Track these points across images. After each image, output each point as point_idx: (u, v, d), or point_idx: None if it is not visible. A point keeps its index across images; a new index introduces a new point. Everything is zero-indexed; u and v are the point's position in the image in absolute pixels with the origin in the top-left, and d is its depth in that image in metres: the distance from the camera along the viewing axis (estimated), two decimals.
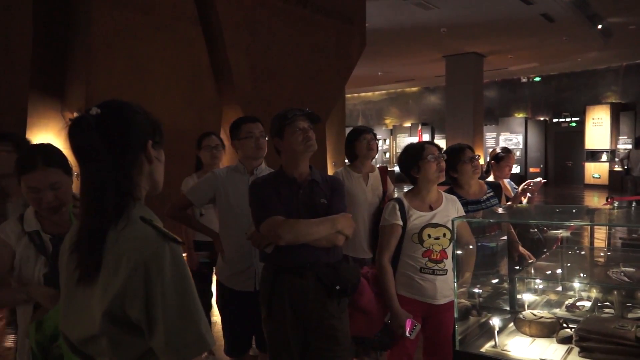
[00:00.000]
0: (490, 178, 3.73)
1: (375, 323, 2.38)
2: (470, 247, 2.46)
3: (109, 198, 1.06)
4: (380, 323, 2.39)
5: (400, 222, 2.40)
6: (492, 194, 2.95)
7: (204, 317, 1.05)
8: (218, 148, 3.38)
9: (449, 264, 2.42)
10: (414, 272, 2.41)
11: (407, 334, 2.31)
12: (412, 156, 2.47)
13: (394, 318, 2.35)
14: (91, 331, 1.05)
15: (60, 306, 1.18)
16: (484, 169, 3.91)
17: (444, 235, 2.40)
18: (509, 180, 3.91)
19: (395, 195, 2.77)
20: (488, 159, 4.00)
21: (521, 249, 3.11)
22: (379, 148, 20.30)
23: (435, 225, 2.40)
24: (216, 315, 3.84)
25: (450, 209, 2.48)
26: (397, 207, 2.42)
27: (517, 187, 3.87)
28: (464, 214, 2.56)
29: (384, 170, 3.23)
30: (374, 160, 3.33)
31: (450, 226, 2.40)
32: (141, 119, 1.13)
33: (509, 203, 3.36)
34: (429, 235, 2.38)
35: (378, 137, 20.69)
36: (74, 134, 1.08)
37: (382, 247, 2.43)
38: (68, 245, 1.15)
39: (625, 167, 12.09)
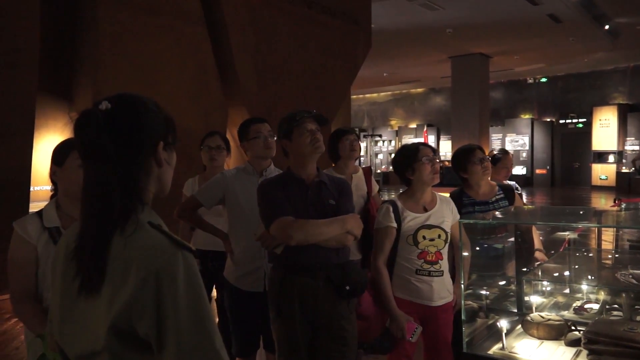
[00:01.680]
0: None
1: (374, 328, 2.37)
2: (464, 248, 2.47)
3: (115, 200, 0.97)
4: (379, 327, 2.38)
5: (395, 224, 2.39)
6: (502, 195, 2.93)
7: (218, 331, 0.97)
8: (219, 149, 3.22)
9: (444, 265, 2.41)
10: (409, 274, 2.39)
11: (408, 337, 2.30)
12: (407, 158, 2.46)
13: (392, 321, 2.33)
14: (92, 347, 0.96)
15: (53, 317, 1.07)
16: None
17: (439, 236, 2.39)
18: (514, 183, 3.81)
19: (384, 197, 2.74)
20: None
21: (537, 254, 3.04)
22: (384, 149, 20.34)
23: (430, 227, 2.39)
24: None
25: (445, 210, 2.47)
26: (391, 209, 2.41)
27: (518, 188, 3.77)
28: (458, 214, 2.55)
29: (367, 171, 3.21)
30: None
31: (445, 227, 2.40)
32: (154, 117, 1.04)
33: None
34: (424, 237, 2.37)
35: (383, 138, 20.39)
36: (80, 129, 0.99)
37: (377, 250, 2.42)
38: (64, 251, 1.05)
39: (636, 167, 12.01)
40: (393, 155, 2.63)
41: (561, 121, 17.70)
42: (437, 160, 2.46)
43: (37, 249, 1.72)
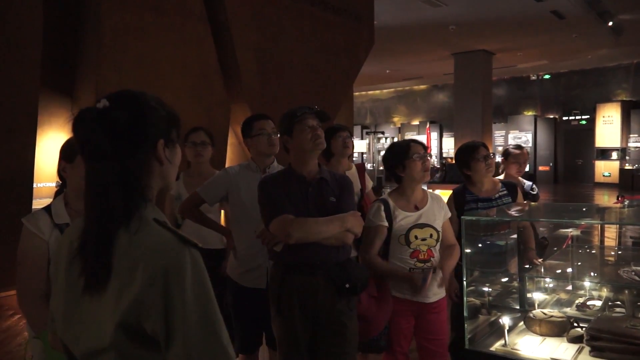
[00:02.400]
0: (501, 177, 3.61)
1: (373, 327, 2.34)
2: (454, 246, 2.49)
3: (116, 198, 0.97)
4: (379, 328, 2.36)
5: (386, 223, 2.37)
6: (505, 192, 2.92)
7: (225, 328, 0.98)
8: (204, 144, 3.17)
9: (436, 261, 2.41)
10: None
11: (421, 287, 2.28)
12: (398, 155, 2.44)
13: (409, 283, 2.32)
14: (99, 344, 0.96)
15: (56, 314, 1.07)
16: (500, 169, 3.76)
17: (431, 235, 2.39)
18: (531, 183, 3.69)
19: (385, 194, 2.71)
20: (501, 157, 3.83)
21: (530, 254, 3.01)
22: (387, 146, 20.29)
23: (422, 226, 2.39)
24: None
25: (436, 208, 2.46)
26: (382, 207, 2.39)
27: (534, 188, 3.66)
28: (449, 212, 2.54)
29: (361, 168, 3.20)
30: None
31: (436, 226, 2.41)
32: (154, 115, 1.04)
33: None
34: (416, 237, 2.36)
35: (386, 135, 20.29)
36: (77, 128, 1.00)
37: (366, 245, 2.40)
38: (67, 248, 1.05)
39: None
40: (383, 152, 2.62)
41: (564, 118, 17.65)
42: (428, 158, 2.46)
43: (48, 245, 1.71)
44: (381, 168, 17.95)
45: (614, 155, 16.03)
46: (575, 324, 2.18)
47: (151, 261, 0.93)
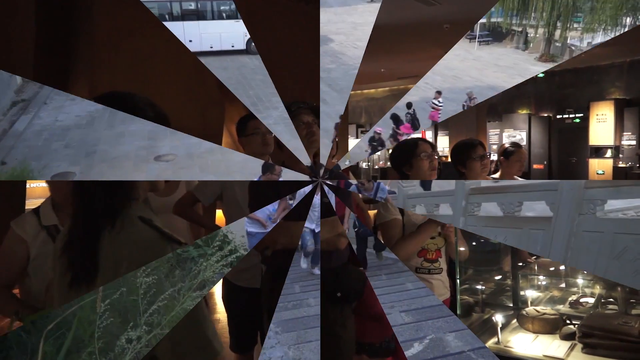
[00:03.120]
0: (496, 176, 3.57)
1: (388, 328, 2.30)
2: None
3: (100, 198, 1.00)
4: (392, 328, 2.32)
5: (400, 216, 2.36)
6: None
7: (211, 322, 1.01)
8: None
9: (443, 262, 2.41)
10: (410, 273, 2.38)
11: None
12: (405, 153, 2.42)
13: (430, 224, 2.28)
14: None
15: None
16: (491, 168, 3.69)
17: (440, 234, 2.38)
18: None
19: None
20: (496, 156, 3.77)
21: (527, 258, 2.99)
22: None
23: None
24: (220, 312, 3.85)
25: None
26: (393, 202, 2.38)
27: None
28: None
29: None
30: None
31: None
32: (140, 116, 1.06)
33: None
34: None
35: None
36: None
37: (389, 240, 2.31)
38: (60, 246, 1.07)
39: None
40: (391, 150, 2.60)
41: (558, 116, 17.71)
42: (436, 157, 2.45)
43: (29, 248, 1.72)
44: (376, 167, 17.95)
45: (608, 153, 16.11)
46: (568, 321, 2.20)
47: (135, 258, 0.96)
